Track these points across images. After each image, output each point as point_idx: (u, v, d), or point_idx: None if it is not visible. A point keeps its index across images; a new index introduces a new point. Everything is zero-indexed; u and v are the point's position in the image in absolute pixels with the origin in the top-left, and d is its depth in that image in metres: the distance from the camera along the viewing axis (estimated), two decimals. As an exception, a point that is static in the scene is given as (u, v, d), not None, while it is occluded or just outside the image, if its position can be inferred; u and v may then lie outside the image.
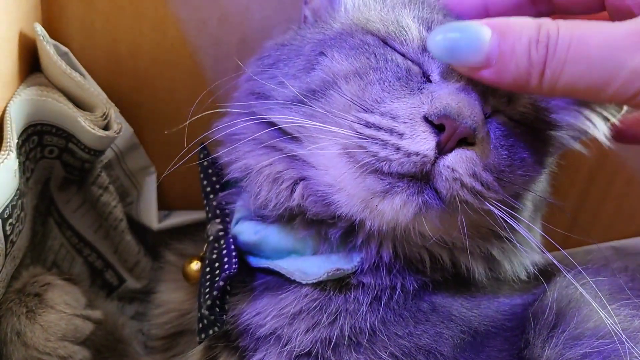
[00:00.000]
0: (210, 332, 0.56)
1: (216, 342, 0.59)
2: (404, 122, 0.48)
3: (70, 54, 0.70)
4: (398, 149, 0.48)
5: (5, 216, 0.56)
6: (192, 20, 0.74)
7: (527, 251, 0.60)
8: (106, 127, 0.68)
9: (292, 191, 0.57)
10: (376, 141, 0.49)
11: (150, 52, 0.75)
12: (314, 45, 0.58)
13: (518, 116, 0.56)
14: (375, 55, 0.54)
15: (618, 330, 0.49)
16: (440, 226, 0.52)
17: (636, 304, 0.55)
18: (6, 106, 0.60)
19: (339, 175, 0.52)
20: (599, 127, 0.65)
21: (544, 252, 0.56)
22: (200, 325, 0.56)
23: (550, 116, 0.60)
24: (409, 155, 0.48)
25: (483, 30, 0.46)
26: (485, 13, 0.58)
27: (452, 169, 0.48)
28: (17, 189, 0.59)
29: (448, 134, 0.47)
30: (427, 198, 0.50)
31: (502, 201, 0.52)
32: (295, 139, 0.56)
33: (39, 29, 0.65)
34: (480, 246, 0.57)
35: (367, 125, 0.50)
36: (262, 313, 0.57)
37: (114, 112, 0.70)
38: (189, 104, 0.61)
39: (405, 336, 0.55)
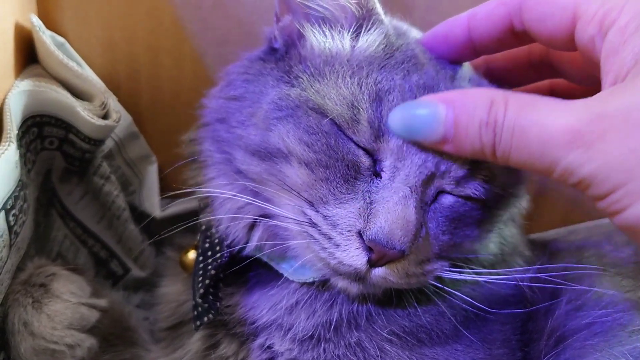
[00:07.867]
0: (205, 319, 0.57)
1: (216, 329, 0.60)
2: (341, 234, 0.50)
3: (67, 44, 0.70)
4: (335, 257, 0.51)
5: (8, 207, 0.56)
6: (187, 6, 0.74)
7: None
8: (105, 117, 0.68)
9: (251, 230, 0.58)
10: (317, 242, 0.51)
11: (145, 38, 0.75)
12: (272, 105, 0.55)
13: (466, 196, 0.54)
14: (328, 149, 0.52)
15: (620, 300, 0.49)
16: (382, 296, 0.56)
17: (638, 276, 0.55)
18: (5, 98, 0.60)
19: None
20: None
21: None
22: (195, 313, 0.57)
23: (507, 189, 0.58)
24: (343, 264, 0.51)
25: (438, 109, 0.46)
26: (472, 47, 0.56)
27: (384, 277, 0.51)
28: (19, 180, 0.59)
29: (376, 257, 0.49)
30: (367, 285, 0.52)
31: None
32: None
33: (35, 20, 0.65)
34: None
35: (311, 224, 0.52)
36: (255, 309, 0.59)
37: (112, 101, 0.70)
38: (188, 91, 0.61)
39: (404, 317, 0.56)
